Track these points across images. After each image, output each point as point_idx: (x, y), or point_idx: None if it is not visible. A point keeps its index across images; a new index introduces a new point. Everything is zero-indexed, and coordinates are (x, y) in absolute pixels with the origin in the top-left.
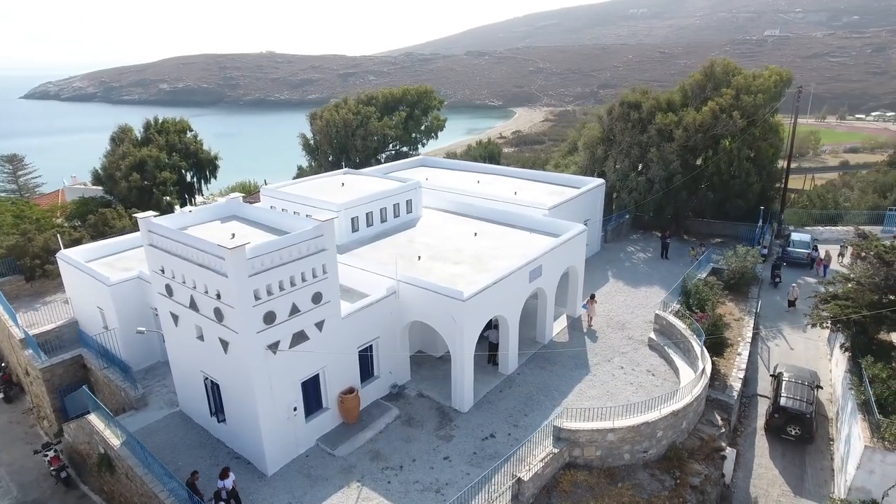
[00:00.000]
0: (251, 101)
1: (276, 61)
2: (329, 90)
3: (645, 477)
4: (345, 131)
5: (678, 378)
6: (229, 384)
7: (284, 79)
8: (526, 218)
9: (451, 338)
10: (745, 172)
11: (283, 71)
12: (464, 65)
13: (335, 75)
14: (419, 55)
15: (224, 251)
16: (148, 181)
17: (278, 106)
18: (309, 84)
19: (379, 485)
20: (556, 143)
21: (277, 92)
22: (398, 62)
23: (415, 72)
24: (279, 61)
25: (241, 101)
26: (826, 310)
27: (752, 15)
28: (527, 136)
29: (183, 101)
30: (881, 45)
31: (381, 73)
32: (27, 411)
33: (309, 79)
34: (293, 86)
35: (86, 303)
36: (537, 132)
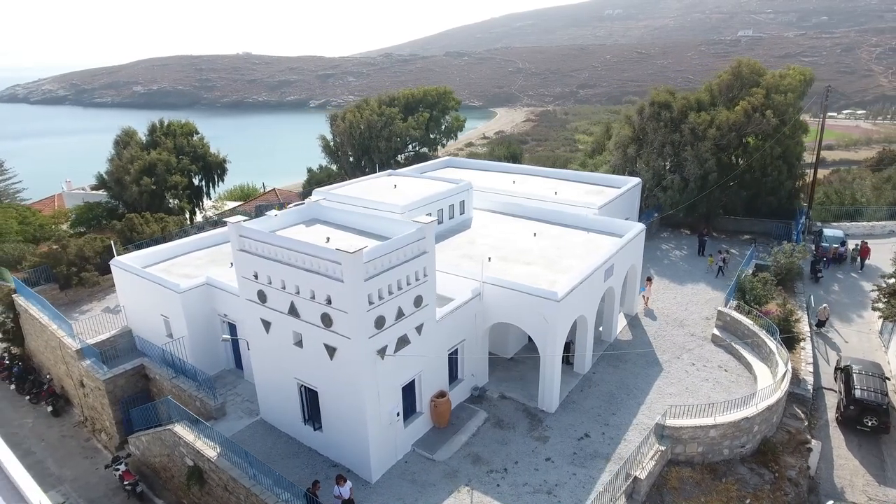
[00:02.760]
0: (229, 104)
1: (253, 63)
2: (308, 92)
3: (745, 471)
4: (368, 133)
5: (751, 374)
6: (330, 391)
7: (262, 80)
8: (580, 217)
9: (540, 338)
10: (777, 170)
11: (261, 72)
12: (443, 65)
13: (313, 76)
14: (398, 56)
15: (341, 256)
16: (158, 185)
17: (256, 108)
18: (287, 85)
19: (489, 488)
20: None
21: (255, 94)
22: (377, 63)
23: (394, 73)
24: (256, 63)
25: (218, 104)
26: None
27: (725, 16)
28: (510, 137)
29: (158, 103)
30: (849, 46)
31: (361, 74)
32: (78, 424)
33: (287, 80)
34: (271, 87)
35: (146, 311)
36: (520, 132)
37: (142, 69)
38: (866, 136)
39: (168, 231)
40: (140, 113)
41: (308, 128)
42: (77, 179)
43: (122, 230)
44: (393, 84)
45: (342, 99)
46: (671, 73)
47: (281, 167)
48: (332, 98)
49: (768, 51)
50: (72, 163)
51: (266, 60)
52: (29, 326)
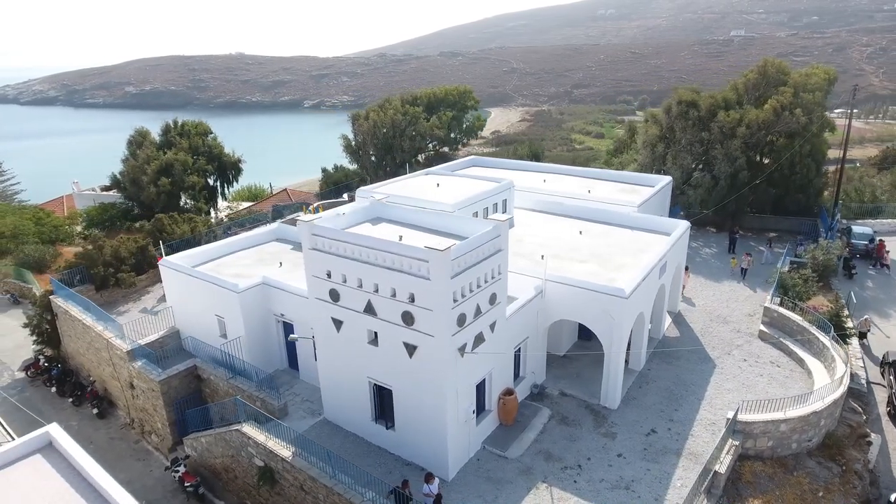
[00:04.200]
0: (222, 104)
1: (247, 63)
2: (302, 92)
3: (813, 465)
4: (392, 132)
5: (804, 369)
6: (406, 389)
7: (255, 80)
8: (623, 216)
9: (606, 335)
10: (806, 168)
11: (254, 73)
12: (437, 65)
13: (307, 77)
14: (392, 56)
15: (430, 254)
16: (175, 185)
17: (250, 108)
18: (281, 86)
19: (567, 485)
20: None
21: (249, 94)
22: (371, 63)
23: (389, 73)
24: (249, 63)
25: (211, 104)
26: None
27: (717, 16)
28: (506, 136)
29: (151, 103)
30: (840, 45)
31: (355, 74)
32: (125, 426)
33: (281, 80)
34: (265, 87)
35: (198, 311)
36: (516, 132)
37: (134, 69)
38: (859, 135)
39: (198, 231)
40: (133, 114)
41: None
42: (83, 180)
43: (151, 231)
44: (388, 84)
45: (336, 99)
46: (665, 72)
47: (281, 167)
48: (326, 98)
49: (760, 51)
50: (71, 164)
51: (259, 60)
52: (68, 328)
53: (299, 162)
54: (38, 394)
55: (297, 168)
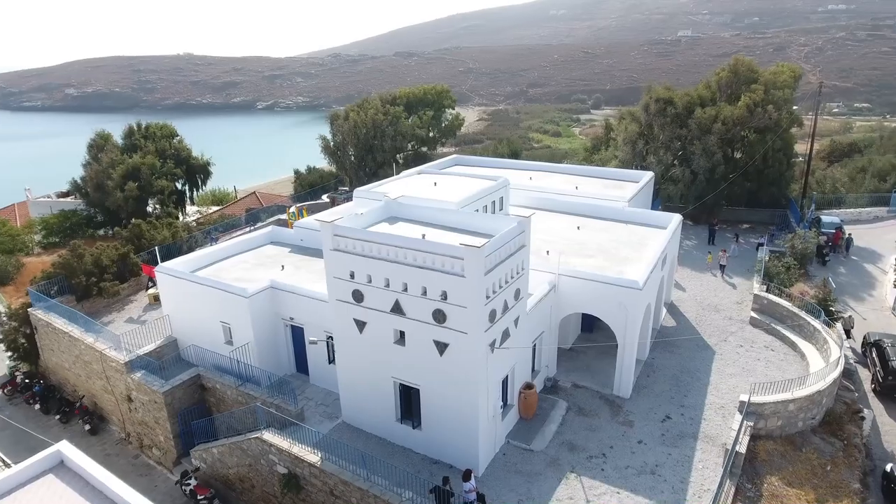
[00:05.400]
0: (171, 106)
1: (196, 63)
2: (255, 93)
3: (818, 441)
4: (373, 132)
5: (797, 352)
6: (434, 388)
7: (206, 82)
8: (618, 211)
9: (620, 326)
10: (778, 162)
11: (204, 73)
12: (393, 66)
13: (260, 77)
14: (347, 56)
15: (465, 251)
16: (143, 190)
17: (201, 110)
18: (233, 87)
19: (595, 473)
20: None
21: (199, 95)
22: (325, 63)
23: (343, 73)
24: (199, 63)
25: (159, 106)
26: None
27: (665, 16)
28: (465, 136)
29: (94, 106)
30: (781, 45)
31: (309, 74)
32: (121, 441)
33: (232, 81)
34: (216, 89)
35: (201, 318)
36: (475, 132)
37: (75, 71)
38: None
39: (179, 237)
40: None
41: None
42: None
43: (129, 237)
44: (343, 85)
45: (291, 100)
46: (616, 72)
47: (242, 170)
48: (280, 99)
49: (707, 50)
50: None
51: (209, 61)
52: (50, 341)
53: (261, 164)
54: (19, 413)
55: (260, 170)
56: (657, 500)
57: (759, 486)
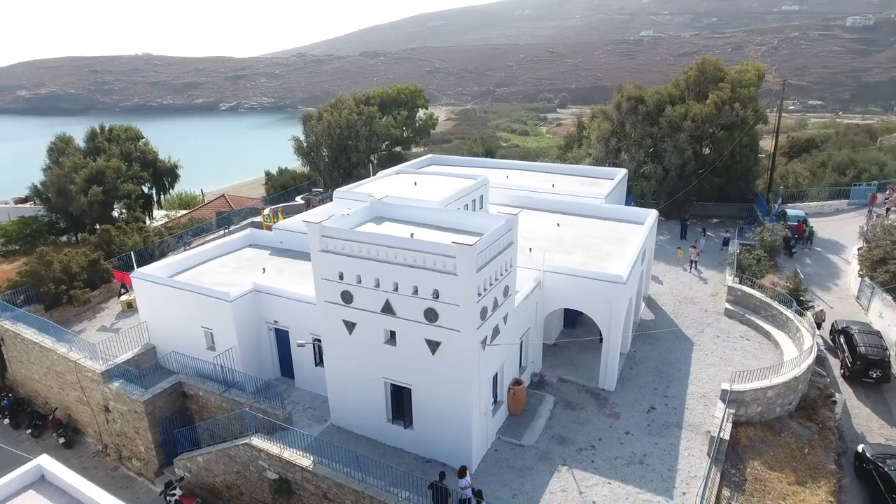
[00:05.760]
0: (129, 107)
1: (155, 64)
2: (217, 94)
3: (796, 426)
4: (348, 132)
5: (770, 341)
6: (426, 387)
7: (166, 82)
8: (595, 207)
9: (605, 321)
10: (745, 158)
11: (164, 74)
12: (359, 66)
13: (223, 78)
14: (312, 56)
15: (458, 249)
16: (108, 195)
17: (161, 112)
18: (194, 88)
19: (586, 465)
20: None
21: (159, 97)
22: (290, 64)
23: (309, 73)
24: (158, 64)
25: (117, 108)
26: (888, 270)
27: (627, 17)
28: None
29: (47, 108)
30: (738, 45)
31: (273, 74)
32: (98, 453)
33: (194, 82)
34: (176, 90)
35: (181, 324)
36: (443, 131)
37: (26, 72)
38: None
39: (151, 242)
40: (28, 120)
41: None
42: None
43: (98, 243)
44: (309, 85)
45: (255, 101)
46: (581, 71)
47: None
48: (244, 100)
49: (668, 49)
50: None
51: (169, 61)
52: (18, 353)
53: (227, 166)
54: None
55: (227, 173)
56: (647, 488)
57: (742, 471)
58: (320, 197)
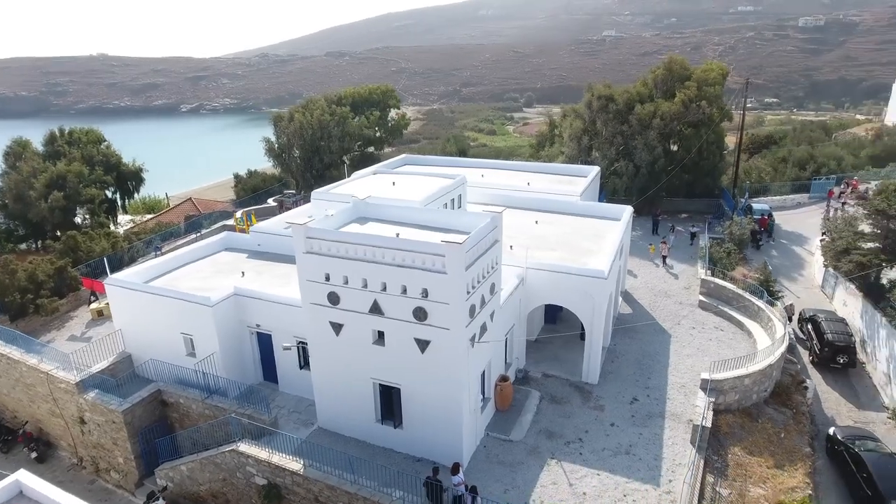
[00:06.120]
0: (85, 110)
1: (112, 64)
2: (178, 95)
3: (772, 411)
4: (320, 133)
5: (743, 330)
6: (416, 386)
7: (123, 84)
8: (572, 204)
9: (587, 315)
10: (712, 154)
11: (121, 75)
12: (324, 65)
13: (183, 79)
14: (275, 56)
15: (447, 248)
16: (70, 200)
17: (119, 113)
18: (153, 89)
19: (574, 458)
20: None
21: (116, 98)
22: (253, 64)
23: (273, 74)
24: (115, 64)
25: (72, 110)
26: (852, 260)
27: (590, 17)
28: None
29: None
30: (697, 45)
31: (236, 75)
32: (73, 467)
33: (153, 83)
34: (134, 91)
35: (159, 331)
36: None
37: None
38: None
39: (120, 248)
40: None
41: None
42: None
43: (64, 250)
44: (273, 86)
45: (218, 102)
46: (546, 70)
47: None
48: (205, 102)
49: (630, 49)
50: None
51: (126, 62)
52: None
53: (191, 169)
54: None
55: (191, 176)
56: (635, 477)
57: (724, 458)
58: (294, 199)
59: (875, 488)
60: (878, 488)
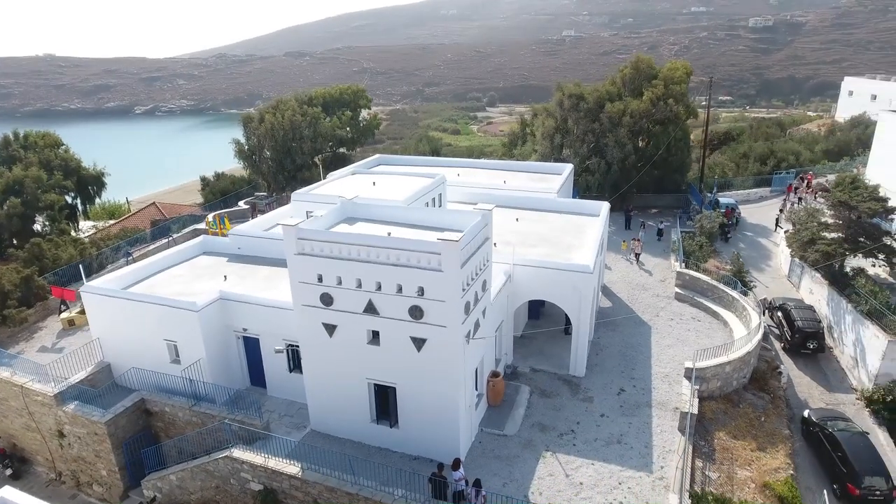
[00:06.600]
0: (32, 112)
1: (59, 65)
2: (131, 96)
3: (751, 397)
4: (292, 133)
5: (719, 320)
6: (412, 385)
7: (73, 85)
8: (550, 201)
9: (574, 309)
10: (681, 151)
11: (71, 76)
12: (284, 66)
13: (136, 80)
14: (233, 56)
15: (443, 246)
16: (28, 206)
17: (69, 116)
18: (105, 90)
19: (568, 449)
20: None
21: (66, 101)
22: (210, 64)
23: (230, 74)
24: (63, 65)
25: (17, 113)
26: (818, 250)
27: (550, 17)
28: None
29: None
30: (653, 44)
31: (192, 76)
32: (51, 482)
33: (104, 84)
34: (85, 93)
35: (141, 339)
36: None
37: None
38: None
39: (88, 254)
40: None
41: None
42: None
43: (28, 258)
44: (231, 87)
45: (174, 104)
46: (508, 70)
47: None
48: (161, 103)
49: (590, 49)
50: None
51: (76, 63)
52: None
53: (150, 172)
54: None
55: (151, 179)
56: (628, 465)
57: (711, 442)
58: (266, 201)
59: (850, 466)
60: (853, 466)
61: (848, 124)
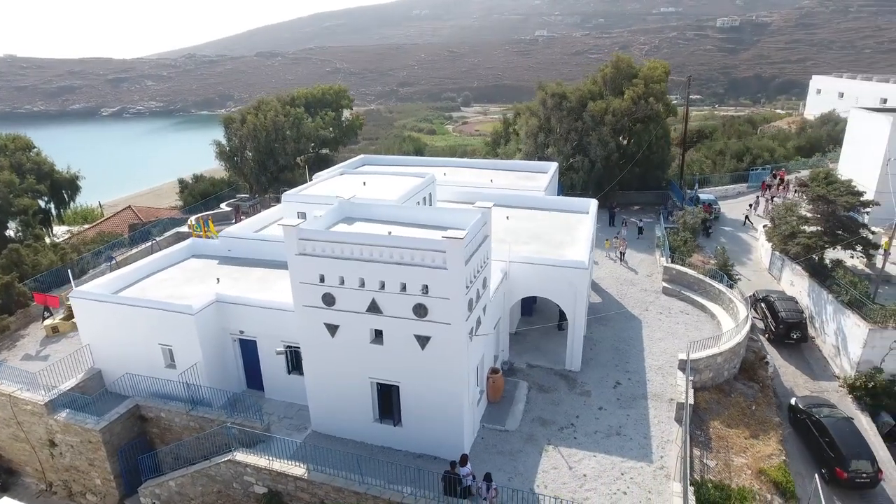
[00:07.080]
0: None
1: (21, 66)
2: (98, 98)
3: (742, 386)
4: (274, 134)
5: (706, 313)
6: (415, 383)
7: (36, 87)
8: (539, 199)
9: (570, 305)
10: (661, 148)
11: (33, 77)
12: (255, 66)
13: (103, 81)
14: (203, 57)
15: (447, 244)
16: (1, 212)
17: (33, 119)
18: (70, 92)
19: (570, 442)
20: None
21: (28, 102)
22: (179, 65)
23: (200, 75)
24: (25, 66)
25: None
26: (799, 244)
27: (522, 17)
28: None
29: None
30: (625, 44)
31: (161, 77)
32: (41, 493)
33: (69, 86)
34: (49, 94)
35: (134, 344)
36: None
37: None
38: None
39: (69, 259)
40: None
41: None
42: None
43: (6, 265)
44: (202, 88)
45: (143, 105)
46: (482, 70)
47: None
48: (129, 105)
49: (562, 49)
50: None
51: (38, 64)
52: None
53: (120, 176)
54: None
55: (123, 182)
56: (629, 456)
57: (706, 432)
58: (250, 203)
59: (837, 450)
60: (840, 450)
61: (818, 121)
